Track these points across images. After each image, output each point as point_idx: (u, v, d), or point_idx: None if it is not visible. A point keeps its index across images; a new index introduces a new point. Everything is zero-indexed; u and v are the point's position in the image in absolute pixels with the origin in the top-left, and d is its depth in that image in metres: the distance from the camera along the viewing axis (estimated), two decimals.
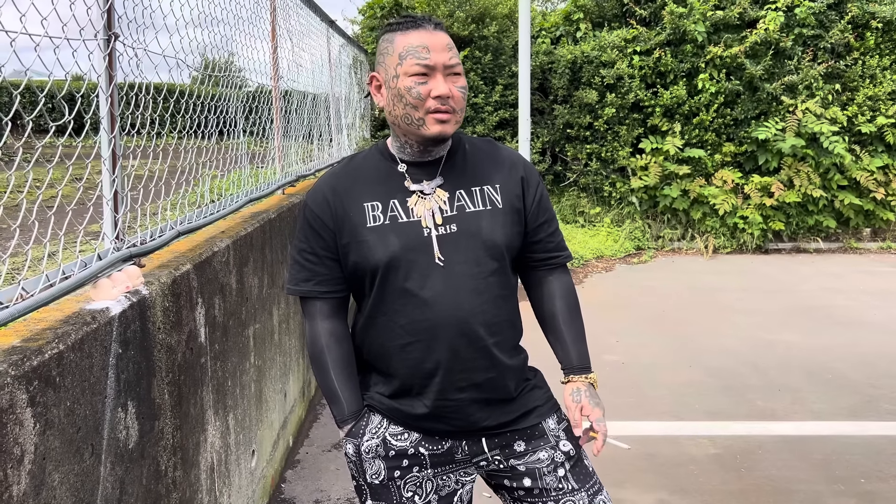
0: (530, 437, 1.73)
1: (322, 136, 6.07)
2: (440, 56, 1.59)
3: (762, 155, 9.15)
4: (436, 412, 1.66)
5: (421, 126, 1.60)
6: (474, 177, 1.69)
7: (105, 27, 1.81)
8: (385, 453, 1.70)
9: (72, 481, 1.48)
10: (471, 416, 1.67)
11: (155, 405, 1.94)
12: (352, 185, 1.68)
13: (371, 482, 1.71)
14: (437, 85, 1.58)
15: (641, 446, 3.88)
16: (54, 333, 1.48)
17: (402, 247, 1.61)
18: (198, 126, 2.78)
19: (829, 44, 9.13)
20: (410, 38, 1.60)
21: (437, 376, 1.64)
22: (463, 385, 1.64)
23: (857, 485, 3.44)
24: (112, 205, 1.88)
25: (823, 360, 5.21)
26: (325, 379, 1.72)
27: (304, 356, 4.14)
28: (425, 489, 1.70)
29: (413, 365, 1.64)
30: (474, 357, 1.64)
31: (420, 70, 1.58)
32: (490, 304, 1.64)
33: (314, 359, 1.73)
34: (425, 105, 1.58)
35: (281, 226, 3.66)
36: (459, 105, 1.62)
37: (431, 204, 1.64)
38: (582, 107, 9.33)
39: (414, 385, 1.66)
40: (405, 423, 1.70)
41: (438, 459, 1.71)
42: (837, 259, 8.95)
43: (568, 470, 1.73)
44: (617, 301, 6.94)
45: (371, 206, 1.64)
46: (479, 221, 1.65)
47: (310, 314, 1.72)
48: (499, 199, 1.68)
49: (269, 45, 4.09)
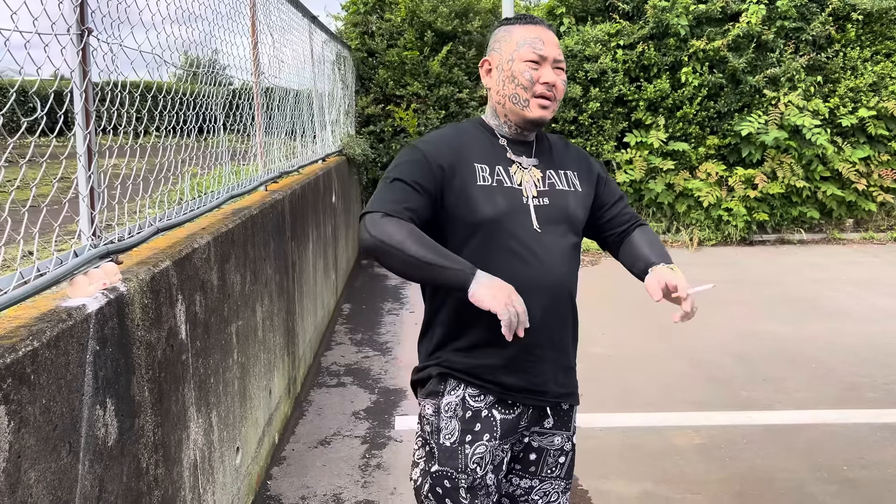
0: (559, 419, 1.88)
1: (305, 133, 6.05)
2: (552, 50, 1.81)
3: (746, 147, 9.20)
4: (514, 365, 1.77)
5: (525, 108, 1.80)
6: (560, 162, 1.92)
7: (78, 21, 1.80)
8: (462, 413, 1.79)
9: (49, 479, 1.47)
10: (544, 374, 1.80)
11: (135, 402, 1.93)
12: (462, 145, 1.83)
13: (443, 443, 1.80)
14: (546, 73, 1.79)
15: (626, 437, 3.90)
16: (28, 331, 1.46)
17: (508, 208, 1.77)
18: (177, 123, 2.76)
19: (810, 36, 9.19)
20: (529, 31, 1.82)
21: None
22: (543, 342, 1.78)
23: (840, 472, 3.47)
24: (88, 201, 1.86)
25: (807, 349, 5.25)
26: (423, 244, 1.64)
27: (288, 353, 4.13)
28: (486, 461, 1.80)
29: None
30: (556, 319, 1.80)
31: (534, 57, 1.79)
32: (572, 276, 1.85)
33: (398, 237, 1.64)
34: (533, 88, 1.79)
35: (264, 222, 3.64)
36: (560, 95, 1.83)
37: (529, 177, 1.83)
38: (566, 101, 9.34)
39: (499, 336, 1.66)
40: (482, 378, 1.78)
41: (507, 427, 1.81)
42: (821, 250, 9.02)
43: (567, 460, 1.91)
44: (602, 294, 6.96)
45: (481, 168, 1.80)
46: (567, 199, 1.86)
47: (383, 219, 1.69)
48: (578, 184, 1.91)
49: (250, 40, 4.07)
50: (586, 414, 4.21)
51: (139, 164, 2.37)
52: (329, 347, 5.55)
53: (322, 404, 4.40)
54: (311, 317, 5.04)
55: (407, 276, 1.70)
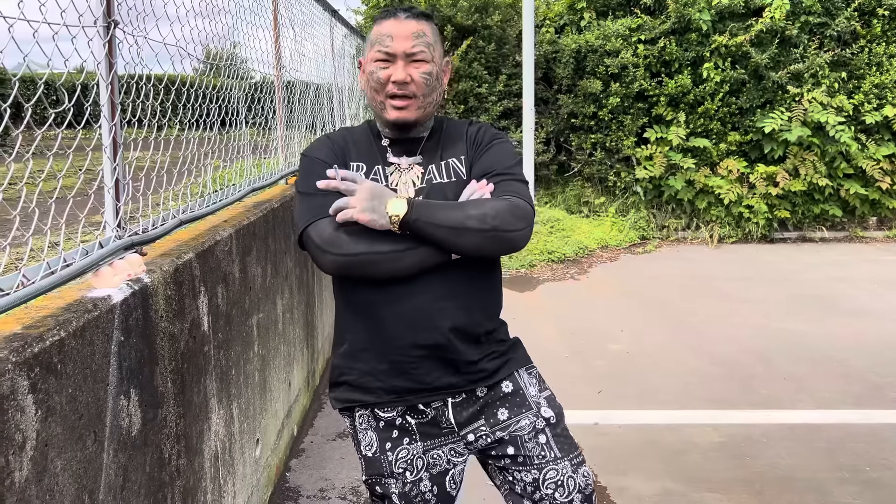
0: (506, 405, 1.79)
1: (325, 127, 6.06)
2: (402, 44, 1.70)
3: (767, 144, 9.10)
4: (397, 368, 1.74)
5: (383, 110, 1.74)
6: (444, 152, 1.81)
7: (104, 14, 1.81)
8: (375, 424, 1.78)
9: (74, 468, 1.49)
10: (433, 371, 1.74)
11: (158, 393, 1.95)
12: (344, 146, 1.81)
13: (365, 454, 1.79)
14: (395, 70, 1.70)
15: (645, 434, 3.88)
16: (55, 321, 1.48)
17: None
18: (200, 116, 2.78)
19: (835, 31, 9.06)
20: (381, 27, 1.74)
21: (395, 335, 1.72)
22: (421, 342, 1.71)
23: (862, 473, 3.44)
24: (113, 193, 1.88)
25: (828, 348, 5.20)
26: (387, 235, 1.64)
27: (307, 346, 4.15)
28: (416, 466, 1.76)
29: (375, 328, 1.74)
30: (427, 318, 1.71)
31: (381, 56, 1.71)
32: (450, 269, 1.71)
33: (360, 238, 1.63)
34: (385, 89, 1.71)
35: (284, 215, 3.66)
36: (422, 90, 1.72)
37: (407, 177, 1.76)
38: (586, 96, 9.28)
39: (377, 340, 1.74)
40: (372, 389, 1.76)
41: (427, 430, 1.77)
42: (843, 248, 8.91)
43: (550, 436, 1.78)
44: (621, 291, 6.93)
45: (357, 167, 1.77)
46: (444, 191, 1.75)
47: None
48: (463, 171, 1.78)
49: (272, 34, 4.08)
50: (605, 410, 4.20)
51: (162, 157, 2.38)
52: None
53: None
54: (330, 310, 5.05)
55: (388, 275, 1.66)
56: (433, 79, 1.73)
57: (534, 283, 7.25)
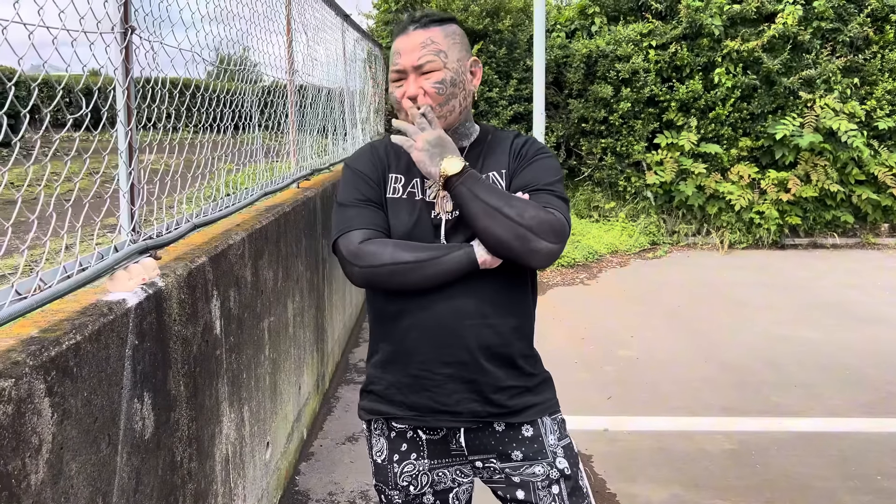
0: (522, 447, 1.72)
1: (337, 131, 6.08)
2: (409, 58, 1.68)
3: (779, 150, 9.08)
4: (417, 384, 1.69)
5: None
6: (485, 164, 1.75)
7: (122, 20, 1.82)
8: (388, 433, 1.76)
9: (89, 471, 1.50)
10: (456, 393, 1.68)
11: (171, 396, 1.96)
12: (384, 156, 1.78)
13: (375, 460, 1.79)
14: (407, 87, 1.69)
15: (655, 441, 3.87)
16: (72, 324, 1.49)
17: (413, 222, 1.68)
18: (213, 120, 2.79)
19: (847, 37, 9.04)
20: (394, 45, 1.73)
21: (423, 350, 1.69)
22: (447, 360, 1.67)
23: (874, 482, 3.42)
24: (129, 197, 1.89)
25: (840, 356, 5.17)
26: (411, 248, 1.64)
27: (317, 349, 4.16)
28: (420, 482, 1.75)
29: (400, 340, 1.70)
30: (456, 338, 1.66)
31: (395, 76, 1.71)
32: (478, 288, 1.67)
33: (386, 254, 1.62)
34: (403, 107, 1.70)
35: (296, 219, 3.67)
36: (437, 100, 1.67)
37: (445, 192, 1.67)
38: (597, 101, 9.28)
39: (404, 353, 1.71)
40: (395, 401, 1.73)
41: (436, 448, 1.74)
42: (855, 255, 8.87)
43: (563, 489, 1.71)
44: (632, 296, 6.91)
45: (395, 178, 1.74)
46: None
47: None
48: (503, 185, 1.71)
49: (285, 39, 4.10)
50: (614, 417, 4.19)
51: (176, 161, 2.40)
52: (357, 344, 5.57)
53: (350, 401, 4.42)
54: (340, 314, 5.07)
55: (415, 286, 1.63)
56: (448, 86, 1.68)
57: (543, 288, 7.25)
